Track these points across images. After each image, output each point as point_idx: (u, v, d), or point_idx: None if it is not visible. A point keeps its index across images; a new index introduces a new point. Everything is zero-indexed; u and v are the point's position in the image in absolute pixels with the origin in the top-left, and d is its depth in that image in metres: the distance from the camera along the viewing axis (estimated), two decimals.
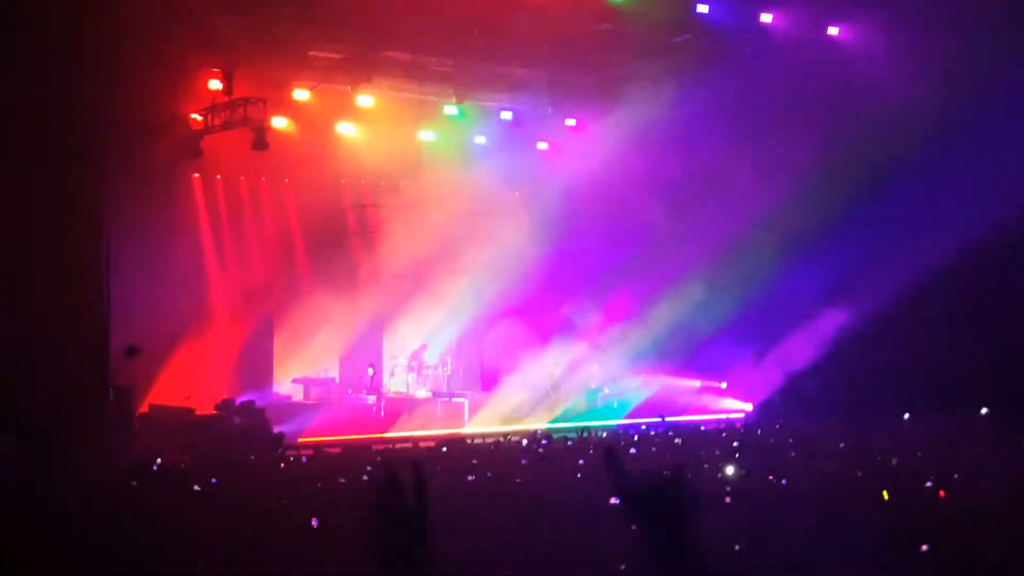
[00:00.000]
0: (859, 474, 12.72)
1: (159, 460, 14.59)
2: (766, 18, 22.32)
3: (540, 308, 27.32)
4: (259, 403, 20.97)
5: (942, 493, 10.51)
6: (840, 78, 23.05)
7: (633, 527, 4.13)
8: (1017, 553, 8.59)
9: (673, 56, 22.49)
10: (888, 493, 10.39)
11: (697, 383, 27.33)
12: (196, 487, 12.16)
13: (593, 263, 27.39)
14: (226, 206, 24.43)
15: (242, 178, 24.67)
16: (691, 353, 26.93)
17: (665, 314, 26.63)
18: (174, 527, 10.00)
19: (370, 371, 24.57)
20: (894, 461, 14.05)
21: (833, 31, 23.06)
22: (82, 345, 19.02)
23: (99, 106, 19.08)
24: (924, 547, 8.63)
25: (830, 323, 25.53)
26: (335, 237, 25.82)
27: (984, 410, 22.37)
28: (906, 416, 23.67)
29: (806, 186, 24.21)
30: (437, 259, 26.62)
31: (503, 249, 26.77)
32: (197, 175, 23.90)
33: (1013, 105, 21.67)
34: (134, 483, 12.50)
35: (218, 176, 24.29)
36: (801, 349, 25.95)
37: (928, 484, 10.72)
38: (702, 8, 21.87)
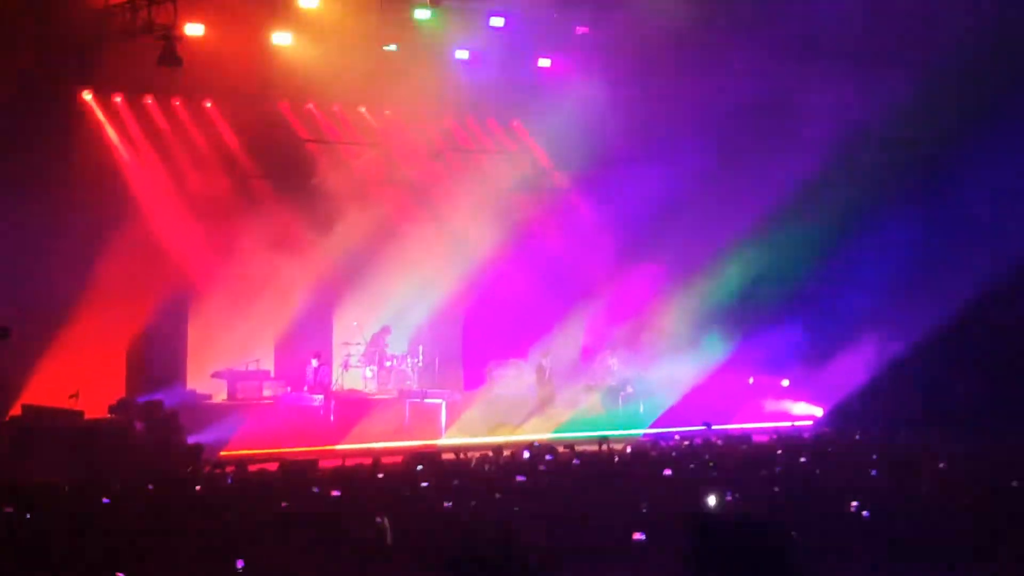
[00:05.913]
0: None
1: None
2: None
3: (543, 278, 27.24)
4: (168, 404, 20.92)
5: None
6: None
7: None
8: None
9: None
10: None
11: (749, 380, 27.35)
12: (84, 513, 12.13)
13: (615, 218, 27.32)
14: (126, 141, 24.26)
15: (149, 101, 24.51)
16: (741, 341, 26.91)
17: (705, 290, 26.62)
18: (57, 566, 9.99)
19: (314, 362, 24.48)
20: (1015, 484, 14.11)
21: None
22: None
23: None
24: None
25: (925, 303, 25.45)
26: (268, 183, 25.69)
27: None
28: None
29: (899, 120, 24.27)
30: (407, 211, 26.50)
31: (494, 199, 26.65)
32: (88, 95, 23.73)
33: None
34: (7, 509, 12.49)
35: (117, 99, 24.14)
36: (886, 337, 25.93)
37: None
38: None
